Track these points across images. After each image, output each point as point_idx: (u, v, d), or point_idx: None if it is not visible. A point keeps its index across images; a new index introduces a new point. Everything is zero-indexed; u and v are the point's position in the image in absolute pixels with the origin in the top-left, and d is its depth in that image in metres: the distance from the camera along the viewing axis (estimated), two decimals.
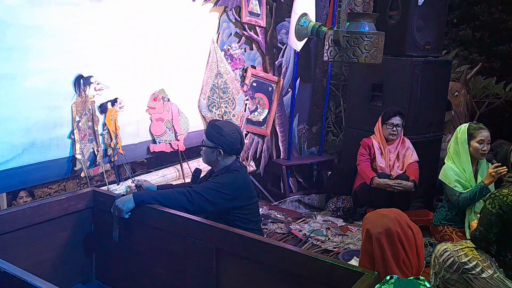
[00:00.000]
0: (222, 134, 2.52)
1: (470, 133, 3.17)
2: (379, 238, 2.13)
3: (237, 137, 2.56)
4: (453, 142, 3.24)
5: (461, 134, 3.19)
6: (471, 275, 2.40)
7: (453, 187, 3.19)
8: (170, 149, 3.36)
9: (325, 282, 1.79)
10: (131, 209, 2.32)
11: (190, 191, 2.39)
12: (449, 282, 2.48)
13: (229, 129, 2.55)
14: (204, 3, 3.57)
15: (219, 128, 2.54)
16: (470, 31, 5.32)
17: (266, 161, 4.54)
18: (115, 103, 2.94)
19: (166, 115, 3.32)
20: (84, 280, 2.57)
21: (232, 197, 2.45)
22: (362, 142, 3.87)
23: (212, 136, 2.54)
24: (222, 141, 2.52)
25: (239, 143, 2.56)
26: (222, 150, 2.52)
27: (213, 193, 2.41)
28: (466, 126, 3.21)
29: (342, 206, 4.03)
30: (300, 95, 4.76)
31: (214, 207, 2.42)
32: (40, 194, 3.48)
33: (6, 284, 1.67)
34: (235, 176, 2.52)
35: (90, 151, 2.85)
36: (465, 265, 2.41)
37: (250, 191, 2.59)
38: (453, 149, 3.24)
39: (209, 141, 2.56)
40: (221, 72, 3.74)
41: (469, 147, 3.17)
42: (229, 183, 2.47)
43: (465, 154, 3.18)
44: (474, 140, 3.15)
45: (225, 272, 2.12)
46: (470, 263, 2.41)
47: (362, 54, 2.92)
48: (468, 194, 3.12)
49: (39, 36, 2.54)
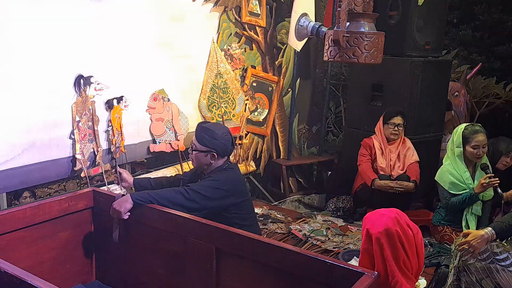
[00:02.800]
0: (215, 138, 2.51)
1: (465, 137, 3.14)
2: (379, 238, 2.12)
3: (229, 138, 2.56)
4: (451, 144, 3.24)
5: (457, 137, 3.17)
6: (500, 266, 2.38)
7: (447, 188, 3.20)
8: (170, 149, 3.36)
9: (325, 282, 1.79)
10: (129, 209, 2.32)
11: (187, 189, 2.40)
12: (470, 268, 2.44)
13: (222, 132, 2.54)
14: (204, 3, 3.58)
15: (212, 132, 2.51)
16: (470, 31, 5.32)
17: (266, 161, 4.53)
18: (120, 101, 2.94)
19: (166, 115, 3.32)
20: (84, 280, 2.56)
21: (230, 194, 2.47)
22: (363, 142, 3.87)
23: (205, 140, 2.51)
24: (215, 145, 2.50)
25: (230, 145, 2.57)
26: (216, 153, 2.51)
27: (211, 190, 2.41)
28: (461, 129, 3.17)
29: (342, 206, 4.03)
30: (300, 95, 4.76)
31: (212, 204, 2.42)
32: (40, 194, 3.49)
33: (6, 284, 1.67)
34: (230, 173, 2.54)
35: (90, 151, 2.85)
36: (496, 255, 2.39)
37: (245, 188, 2.63)
38: (451, 151, 3.24)
39: (201, 145, 2.52)
40: (221, 72, 3.74)
41: (464, 151, 3.15)
42: (226, 180, 2.48)
43: (461, 157, 3.17)
44: (469, 145, 3.13)
45: (225, 272, 2.12)
46: (502, 254, 2.39)
47: (362, 54, 2.92)
48: (457, 199, 3.15)
49: (39, 36, 2.54)
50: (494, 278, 2.39)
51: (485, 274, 2.40)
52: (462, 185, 3.17)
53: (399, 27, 4.00)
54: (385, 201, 3.46)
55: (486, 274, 2.39)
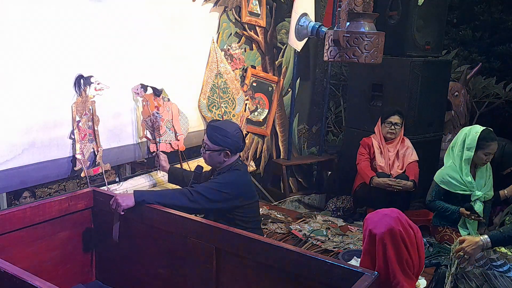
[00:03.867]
0: (227, 136, 2.51)
1: (480, 142, 3.07)
2: (382, 238, 2.12)
3: (241, 135, 2.59)
4: (460, 145, 3.15)
5: (471, 140, 3.09)
6: (497, 272, 2.38)
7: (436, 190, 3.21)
8: (170, 149, 3.36)
9: (325, 282, 1.79)
10: (130, 207, 2.32)
11: (191, 190, 2.40)
12: (468, 275, 2.44)
13: (233, 130, 2.55)
14: (204, 3, 3.58)
15: (224, 131, 2.52)
16: (470, 31, 5.32)
17: (266, 161, 4.54)
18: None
19: (166, 115, 3.32)
20: (84, 280, 2.56)
21: (233, 197, 2.46)
22: (362, 141, 3.87)
23: (217, 139, 2.52)
24: (228, 143, 2.51)
25: (242, 141, 2.59)
26: (229, 151, 2.53)
27: (214, 192, 2.42)
28: (477, 134, 3.08)
29: (342, 206, 4.03)
30: (300, 95, 4.76)
31: (215, 206, 2.44)
32: (40, 194, 3.48)
33: (6, 284, 1.67)
34: (236, 174, 2.53)
35: (90, 151, 2.85)
36: (493, 261, 2.38)
37: (251, 190, 2.60)
38: (458, 152, 3.15)
39: (214, 144, 2.52)
40: (221, 72, 3.74)
41: (474, 154, 3.10)
42: (230, 183, 2.47)
43: (469, 161, 3.11)
44: (482, 151, 3.07)
45: (225, 272, 2.12)
46: (499, 260, 2.39)
47: (362, 54, 2.92)
48: (442, 205, 3.20)
49: (39, 36, 2.53)
50: (492, 284, 2.38)
51: (484, 280, 2.39)
52: (463, 187, 3.16)
53: (399, 27, 4.01)
54: (384, 200, 3.46)
55: (484, 280, 2.39)
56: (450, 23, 5.24)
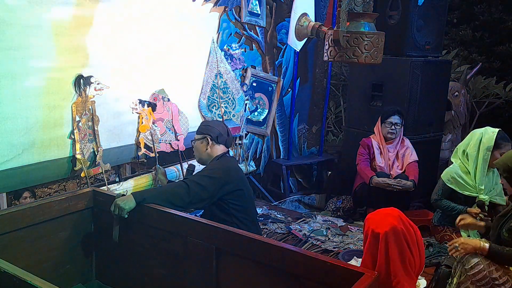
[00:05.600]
0: (208, 124, 2.77)
1: (497, 143, 3.01)
2: (385, 237, 2.12)
3: (223, 128, 2.77)
4: (475, 145, 3.08)
5: (487, 140, 3.02)
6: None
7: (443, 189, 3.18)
8: (170, 149, 3.36)
9: (325, 282, 1.79)
10: (132, 208, 2.32)
11: (186, 182, 2.49)
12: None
13: (216, 122, 2.83)
14: (204, 3, 3.57)
15: (206, 121, 2.97)
16: (470, 31, 5.33)
17: (266, 161, 4.54)
18: None
19: (166, 115, 3.32)
20: (84, 280, 2.56)
21: (224, 181, 2.55)
22: (361, 142, 3.87)
23: (200, 129, 2.76)
24: (208, 130, 2.71)
25: (225, 133, 2.74)
26: (210, 137, 2.69)
27: (207, 179, 2.52)
28: (494, 134, 3.03)
29: (342, 206, 4.03)
30: (300, 95, 4.76)
31: (209, 194, 2.50)
32: (40, 194, 3.48)
33: (6, 284, 1.67)
34: (224, 161, 2.69)
35: (90, 151, 2.85)
36: (495, 280, 2.33)
37: (241, 177, 2.71)
38: (471, 152, 3.08)
39: (197, 134, 2.76)
40: (221, 72, 3.74)
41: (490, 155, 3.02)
42: (219, 168, 2.62)
43: (484, 162, 3.04)
44: (498, 152, 2.99)
45: (225, 272, 2.12)
46: (501, 278, 2.34)
47: (362, 54, 2.92)
48: (449, 204, 3.16)
49: (39, 36, 2.53)
50: None
51: None
52: (469, 188, 3.10)
53: (399, 27, 4.00)
54: (384, 200, 3.46)
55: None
56: (450, 23, 5.24)
